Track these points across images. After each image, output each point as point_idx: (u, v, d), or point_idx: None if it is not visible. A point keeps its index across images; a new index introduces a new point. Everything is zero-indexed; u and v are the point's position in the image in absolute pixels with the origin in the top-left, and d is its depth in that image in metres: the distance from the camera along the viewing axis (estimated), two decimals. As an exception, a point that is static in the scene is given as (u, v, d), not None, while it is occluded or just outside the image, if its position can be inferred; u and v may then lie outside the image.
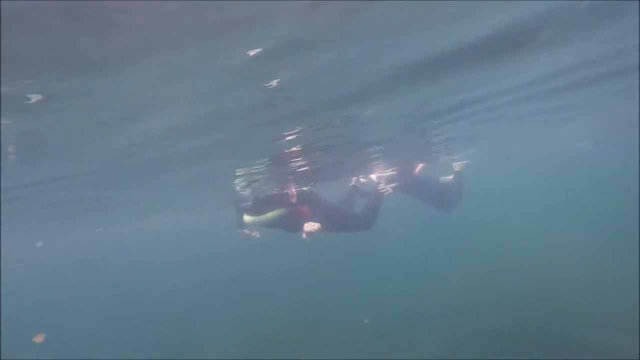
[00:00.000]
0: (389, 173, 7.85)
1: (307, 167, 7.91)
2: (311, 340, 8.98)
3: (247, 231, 5.95)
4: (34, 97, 2.60)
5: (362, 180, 8.63)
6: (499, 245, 14.82)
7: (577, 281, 8.91)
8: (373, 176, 8.35)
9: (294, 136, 5.47)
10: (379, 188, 6.83)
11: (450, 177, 8.75)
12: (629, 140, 20.53)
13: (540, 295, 8.64)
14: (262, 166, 7.01)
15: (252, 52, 2.64)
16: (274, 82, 3.28)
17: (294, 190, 5.98)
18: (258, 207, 5.85)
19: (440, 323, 8.33)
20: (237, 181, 8.19)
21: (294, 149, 6.22)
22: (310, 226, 5.17)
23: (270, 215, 5.72)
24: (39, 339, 10.45)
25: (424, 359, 6.99)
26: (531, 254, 12.50)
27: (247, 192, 9.41)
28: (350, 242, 7.35)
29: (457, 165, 8.61)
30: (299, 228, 5.93)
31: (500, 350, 6.64)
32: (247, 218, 5.91)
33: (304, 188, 7.25)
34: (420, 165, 8.83)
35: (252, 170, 7.29)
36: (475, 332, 7.46)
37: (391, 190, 6.85)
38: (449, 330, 7.88)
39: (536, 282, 9.67)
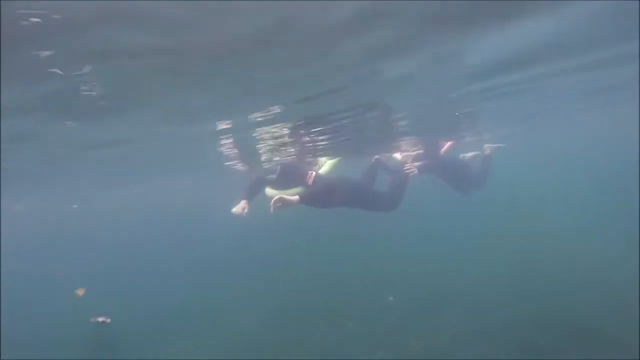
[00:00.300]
0: (415, 152, 7.76)
1: (330, 139, 7.85)
2: (334, 314, 9.21)
3: (238, 209, 5.66)
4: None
5: (386, 154, 8.55)
6: (530, 231, 14.57)
7: (611, 272, 8.83)
8: (397, 155, 8.30)
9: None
10: (405, 168, 6.79)
11: (471, 154, 8.59)
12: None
13: (572, 285, 8.54)
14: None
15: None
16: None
17: (311, 172, 5.93)
18: (282, 180, 5.84)
19: (466, 306, 8.41)
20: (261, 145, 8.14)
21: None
22: (280, 199, 4.90)
23: (294, 192, 5.69)
24: (80, 292, 11.30)
25: (448, 339, 7.11)
26: (563, 242, 12.28)
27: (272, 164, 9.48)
28: (378, 218, 7.38)
29: (488, 148, 8.40)
30: (323, 205, 5.99)
31: (526, 337, 6.68)
32: (270, 191, 5.91)
33: (320, 170, 7.18)
34: (447, 144, 8.68)
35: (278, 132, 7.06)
36: (502, 317, 7.51)
37: (417, 171, 6.77)
38: (475, 313, 7.94)
39: (567, 271, 9.53)
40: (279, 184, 5.83)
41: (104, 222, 29.85)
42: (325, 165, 7.83)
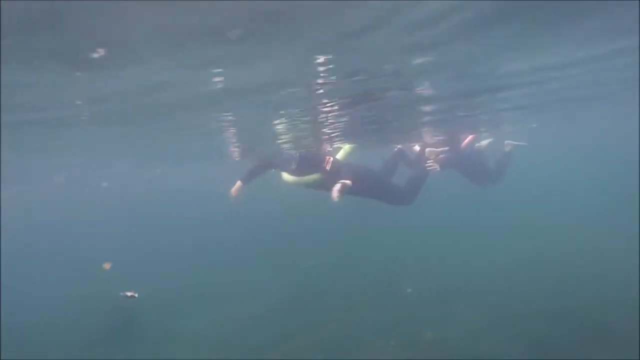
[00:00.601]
0: (440, 149, 7.58)
1: (350, 123, 7.61)
2: (347, 301, 9.32)
3: (236, 192, 5.94)
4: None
5: (409, 145, 8.41)
6: (541, 226, 14.34)
7: (622, 268, 8.61)
8: (417, 147, 8.18)
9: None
10: (426, 164, 6.66)
11: (486, 142, 8.39)
12: None
13: (583, 281, 8.45)
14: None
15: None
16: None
17: (329, 157, 5.95)
18: (300, 167, 5.89)
19: (477, 299, 8.38)
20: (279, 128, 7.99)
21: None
22: (341, 187, 5.00)
23: (311, 178, 5.80)
24: (106, 265, 11.85)
25: (459, 331, 7.12)
26: (573, 238, 12.09)
27: (291, 151, 9.50)
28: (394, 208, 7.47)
29: (509, 145, 8.24)
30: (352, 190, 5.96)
31: (537, 333, 6.64)
32: (287, 177, 6.00)
33: (338, 155, 7.03)
34: (468, 138, 8.50)
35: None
36: (513, 311, 7.50)
37: (438, 168, 6.67)
38: (486, 306, 7.92)
39: (577, 267, 9.44)
40: (297, 172, 5.90)
41: (128, 202, 30.92)
42: (342, 150, 7.81)
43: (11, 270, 16.52)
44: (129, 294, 7.97)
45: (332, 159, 5.94)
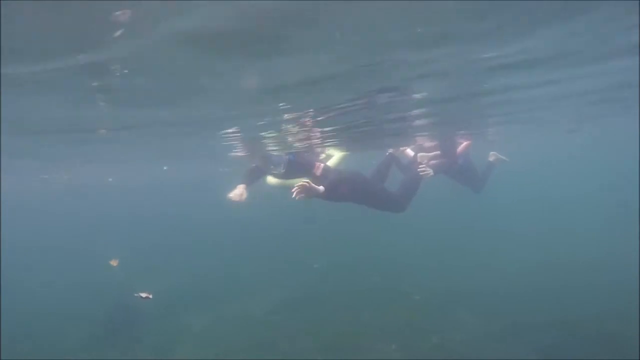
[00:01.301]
0: (432, 154, 7.37)
1: (338, 129, 7.54)
2: (349, 301, 9.46)
3: (236, 196, 5.61)
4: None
5: (401, 149, 8.48)
6: (549, 232, 14.60)
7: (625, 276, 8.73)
8: (410, 151, 8.23)
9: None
10: (419, 169, 6.49)
11: (465, 143, 8.40)
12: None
13: (587, 289, 8.54)
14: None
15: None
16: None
17: (320, 163, 5.83)
18: (289, 171, 5.75)
19: (481, 304, 8.48)
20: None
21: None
22: (305, 187, 4.78)
23: (297, 182, 5.37)
24: (114, 262, 12.11)
25: (461, 338, 7.24)
26: (574, 246, 12.18)
27: (279, 153, 9.46)
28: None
29: (493, 156, 8.36)
30: (336, 198, 5.59)
31: (540, 341, 6.75)
32: (271, 180, 5.87)
33: (328, 162, 6.90)
34: (464, 144, 8.55)
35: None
36: (516, 317, 7.63)
37: (432, 173, 6.51)
38: (490, 312, 8.04)
39: (584, 275, 9.52)
40: (284, 175, 5.80)
41: (132, 198, 30.95)
42: (334, 157, 7.70)
43: (12, 266, 16.60)
44: (143, 295, 8.26)
45: (322, 165, 5.82)
